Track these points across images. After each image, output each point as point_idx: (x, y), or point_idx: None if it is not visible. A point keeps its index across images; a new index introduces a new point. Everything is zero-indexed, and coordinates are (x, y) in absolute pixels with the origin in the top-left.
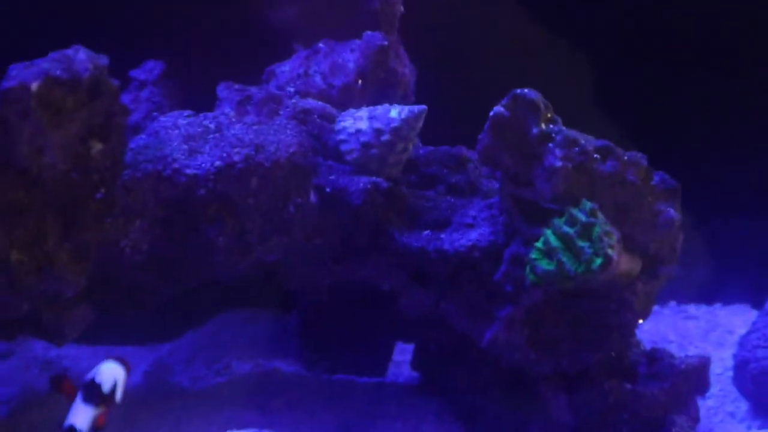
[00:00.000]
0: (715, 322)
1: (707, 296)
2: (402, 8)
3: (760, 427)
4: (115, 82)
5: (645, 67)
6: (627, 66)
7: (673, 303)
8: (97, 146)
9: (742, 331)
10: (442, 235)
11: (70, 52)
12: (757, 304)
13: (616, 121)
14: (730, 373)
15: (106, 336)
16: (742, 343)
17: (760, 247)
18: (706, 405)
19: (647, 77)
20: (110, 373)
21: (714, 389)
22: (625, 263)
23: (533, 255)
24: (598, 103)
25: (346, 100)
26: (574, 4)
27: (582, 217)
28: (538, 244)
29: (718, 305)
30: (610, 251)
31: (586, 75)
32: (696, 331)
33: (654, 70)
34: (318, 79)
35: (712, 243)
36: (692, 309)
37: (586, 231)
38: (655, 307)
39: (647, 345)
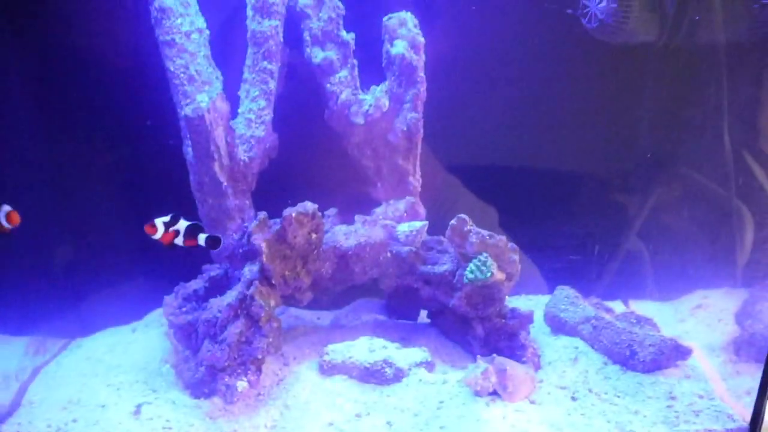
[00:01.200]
0: (538, 300)
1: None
2: (420, 187)
3: (551, 335)
4: (330, 221)
5: None
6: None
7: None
8: (313, 236)
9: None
10: (434, 268)
11: (302, 205)
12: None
13: None
14: (542, 316)
15: (315, 305)
16: (546, 305)
17: (555, 252)
18: (534, 329)
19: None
20: None
21: (536, 324)
22: (499, 275)
23: (467, 272)
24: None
25: (400, 219)
26: None
27: (483, 258)
28: (468, 268)
29: (540, 295)
30: (494, 270)
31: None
32: (532, 303)
33: None
34: (390, 213)
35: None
36: (532, 297)
37: (485, 264)
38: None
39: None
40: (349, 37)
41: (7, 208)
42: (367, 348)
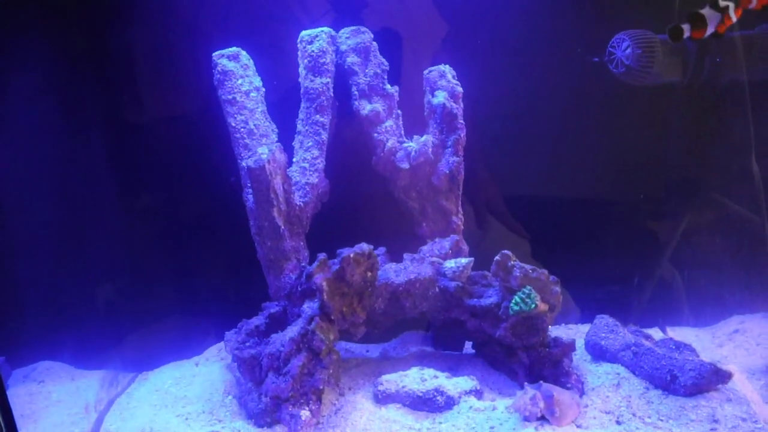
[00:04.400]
0: (577, 329)
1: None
2: (462, 225)
3: (593, 363)
4: (379, 259)
5: None
6: None
7: (563, 324)
8: (369, 274)
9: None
10: (481, 301)
11: (359, 246)
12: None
13: None
14: (582, 344)
15: (365, 339)
16: (587, 334)
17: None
18: (575, 357)
19: None
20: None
21: (578, 352)
22: (543, 306)
23: (512, 304)
24: None
25: (446, 256)
26: None
27: (527, 291)
28: (513, 300)
29: (583, 324)
30: (537, 302)
31: None
32: (572, 332)
33: None
34: (436, 250)
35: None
36: (572, 326)
37: (529, 296)
38: (562, 325)
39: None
40: (393, 90)
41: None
42: (419, 377)
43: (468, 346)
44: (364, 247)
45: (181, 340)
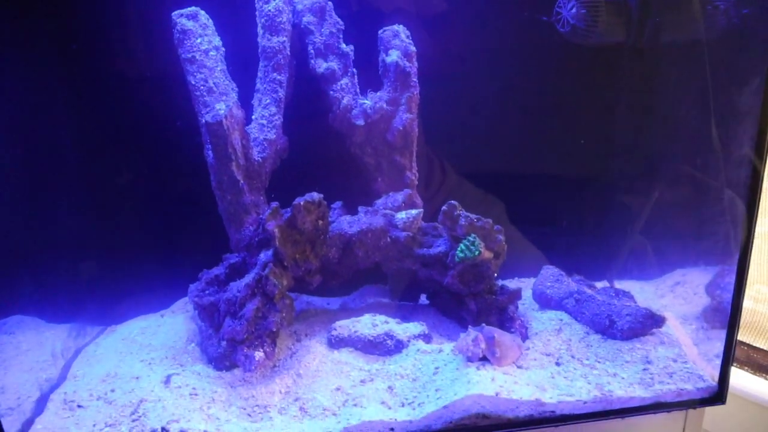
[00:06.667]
0: (529, 282)
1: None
2: (416, 181)
3: (539, 311)
4: (336, 212)
5: None
6: None
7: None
8: (320, 222)
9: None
10: (430, 250)
11: (310, 195)
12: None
13: None
14: (530, 293)
15: (323, 290)
16: (534, 283)
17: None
18: (522, 305)
19: None
20: None
21: (526, 302)
22: (487, 254)
23: (457, 252)
24: None
25: (398, 209)
26: None
27: (472, 239)
28: (459, 248)
29: (532, 278)
30: (481, 249)
31: None
32: (524, 284)
33: None
34: (389, 203)
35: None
36: (524, 279)
37: (473, 243)
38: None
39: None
40: (348, 48)
41: None
42: (370, 323)
43: (422, 299)
44: (314, 195)
45: (149, 294)
